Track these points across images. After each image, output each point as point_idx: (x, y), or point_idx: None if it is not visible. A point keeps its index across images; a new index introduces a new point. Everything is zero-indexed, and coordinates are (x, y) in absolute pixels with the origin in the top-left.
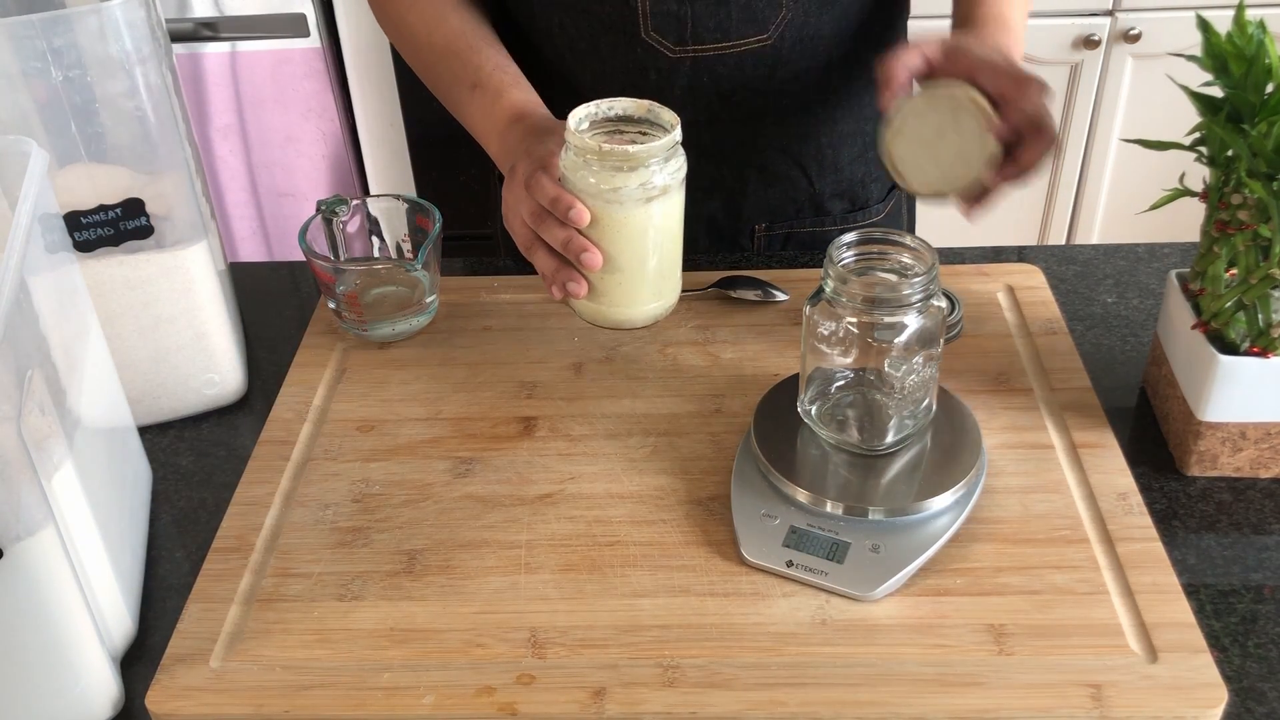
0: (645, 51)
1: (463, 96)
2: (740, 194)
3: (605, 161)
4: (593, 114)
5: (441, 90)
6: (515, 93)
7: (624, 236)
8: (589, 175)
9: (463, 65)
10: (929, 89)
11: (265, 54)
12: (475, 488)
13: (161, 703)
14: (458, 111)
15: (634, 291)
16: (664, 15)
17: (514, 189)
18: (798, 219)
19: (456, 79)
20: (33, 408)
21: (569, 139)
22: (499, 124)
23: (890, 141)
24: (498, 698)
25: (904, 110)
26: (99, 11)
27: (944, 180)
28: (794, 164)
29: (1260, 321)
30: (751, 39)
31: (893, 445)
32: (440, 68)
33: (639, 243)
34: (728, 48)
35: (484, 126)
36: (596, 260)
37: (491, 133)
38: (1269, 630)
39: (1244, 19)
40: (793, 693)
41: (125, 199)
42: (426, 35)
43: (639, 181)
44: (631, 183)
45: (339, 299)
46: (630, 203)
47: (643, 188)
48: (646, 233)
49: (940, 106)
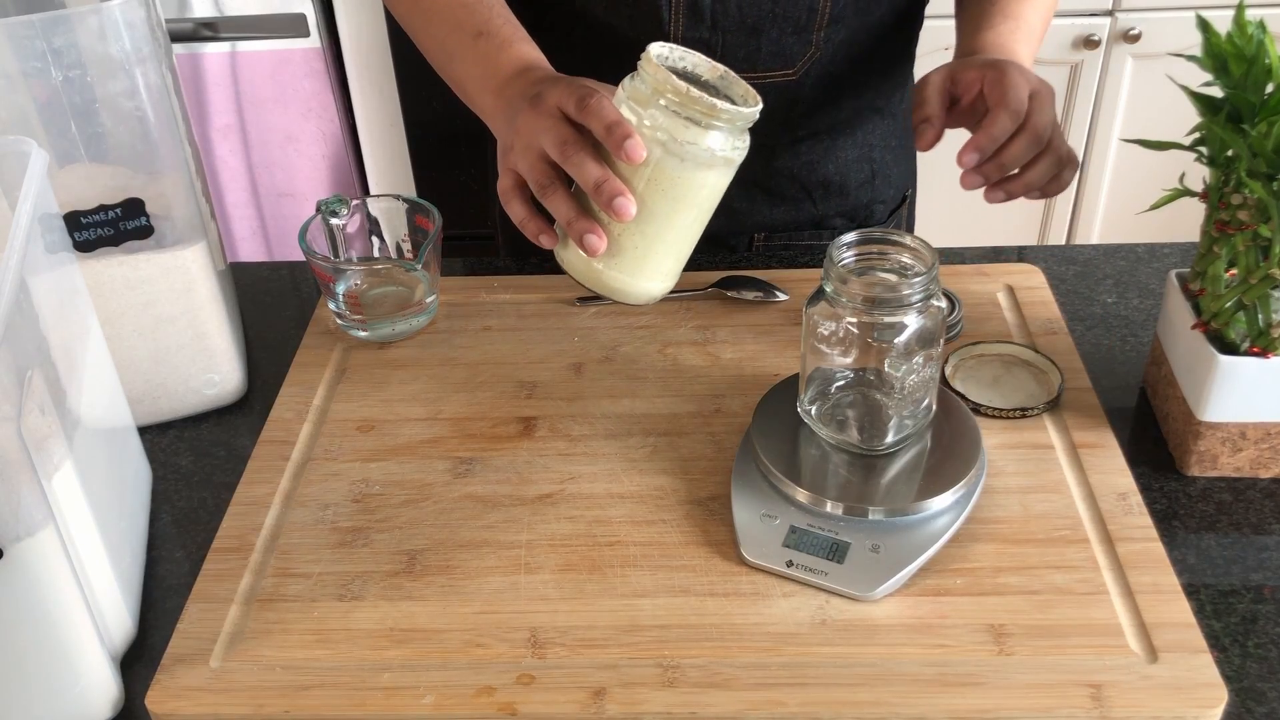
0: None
1: (462, 44)
2: (745, 212)
3: (685, 108)
4: (664, 56)
5: (436, 40)
6: (524, 46)
7: (668, 196)
8: (659, 116)
9: (468, 13)
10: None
11: (265, 54)
12: (475, 488)
13: (161, 703)
14: (452, 63)
15: (647, 261)
16: (695, 41)
17: (538, 117)
18: (797, 233)
19: (458, 25)
20: (33, 408)
21: (646, 69)
22: (502, 72)
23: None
24: (498, 698)
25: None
26: (99, 11)
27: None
28: (801, 188)
29: (1260, 321)
30: (777, 73)
31: (893, 445)
32: (440, 17)
33: (678, 208)
34: (752, 79)
35: (482, 75)
36: (630, 210)
37: (490, 81)
38: (1269, 630)
39: (1244, 19)
40: (793, 693)
41: (125, 199)
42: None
43: (709, 143)
44: (702, 140)
45: (339, 299)
46: (691, 161)
47: (708, 151)
48: (690, 200)
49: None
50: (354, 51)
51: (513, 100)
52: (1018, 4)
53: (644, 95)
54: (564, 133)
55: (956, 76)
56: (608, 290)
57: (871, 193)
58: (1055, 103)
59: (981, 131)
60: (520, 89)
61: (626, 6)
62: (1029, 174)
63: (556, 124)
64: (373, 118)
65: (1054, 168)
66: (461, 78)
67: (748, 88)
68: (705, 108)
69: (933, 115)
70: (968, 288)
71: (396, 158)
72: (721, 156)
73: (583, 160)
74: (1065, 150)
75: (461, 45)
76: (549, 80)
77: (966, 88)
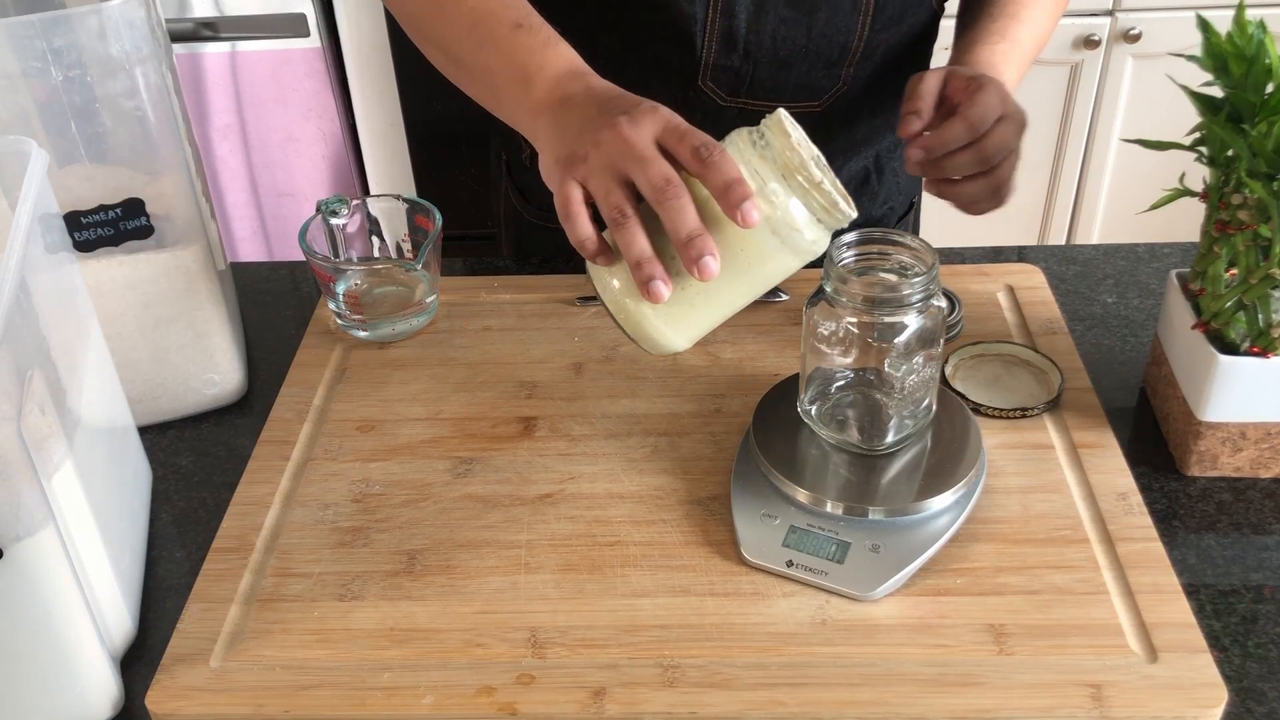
0: (696, 96)
1: (497, 32)
2: None
3: (808, 195)
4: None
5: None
6: (568, 49)
7: (745, 267)
8: (780, 192)
9: (504, 5)
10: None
11: (265, 54)
12: (475, 488)
13: (161, 703)
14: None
15: (688, 319)
16: (724, 69)
17: (630, 142)
18: None
19: (490, 14)
20: (33, 408)
21: (777, 141)
22: (548, 71)
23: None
24: (498, 698)
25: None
26: (99, 11)
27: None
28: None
29: (1260, 321)
30: (803, 103)
31: (893, 445)
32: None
33: (748, 280)
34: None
35: (521, 69)
36: (713, 272)
37: (533, 78)
38: (1269, 630)
39: (1244, 19)
40: (793, 693)
41: (125, 199)
42: None
43: (811, 234)
44: (807, 229)
45: (339, 299)
46: (788, 244)
47: (808, 240)
48: (762, 276)
49: None
50: (354, 51)
51: (574, 105)
52: (1015, 26)
53: (769, 165)
54: (665, 171)
55: (950, 80)
56: (634, 331)
57: (883, 202)
58: (1023, 134)
59: (935, 134)
60: (584, 95)
61: (661, 28)
62: (961, 187)
63: (656, 158)
64: (373, 118)
65: (987, 190)
66: (493, 68)
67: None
68: (828, 202)
69: (922, 109)
70: (968, 288)
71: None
72: (811, 249)
73: (683, 206)
74: (1003, 179)
75: (496, 34)
76: (635, 101)
77: (954, 92)
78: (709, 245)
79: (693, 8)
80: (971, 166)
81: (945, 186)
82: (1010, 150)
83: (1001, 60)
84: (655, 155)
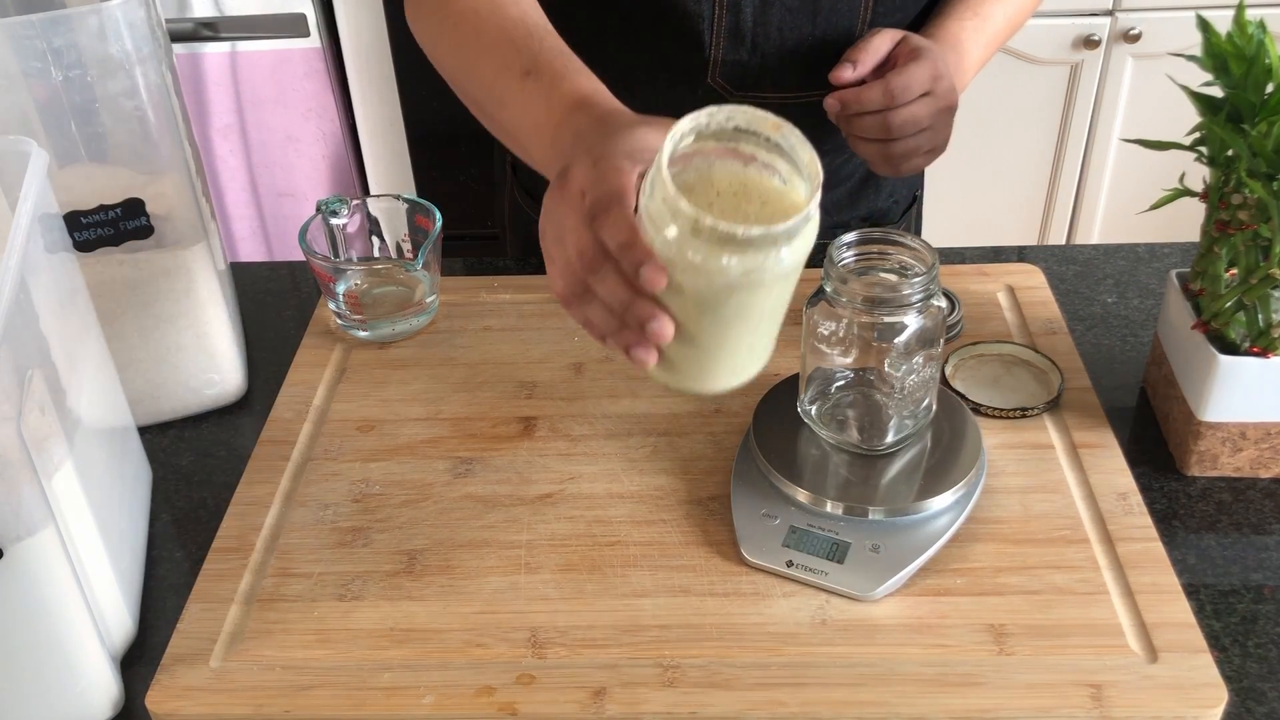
0: (706, 93)
1: (510, 88)
2: None
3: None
4: (702, 126)
5: (484, 87)
6: (579, 79)
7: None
8: (676, 239)
9: (515, 51)
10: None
11: (265, 54)
12: (475, 488)
13: (161, 703)
14: (502, 110)
15: (707, 369)
16: (733, 64)
17: (563, 200)
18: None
19: (504, 66)
20: (33, 408)
21: (657, 180)
22: (556, 113)
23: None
24: (498, 698)
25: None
26: (99, 11)
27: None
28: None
29: (1260, 321)
30: (811, 92)
31: (893, 445)
32: (486, 59)
33: (729, 327)
34: (789, 99)
35: (535, 120)
36: (665, 335)
37: (545, 126)
38: (1269, 630)
39: (1244, 19)
40: (793, 693)
41: (125, 199)
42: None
43: (746, 268)
44: (736, 267)
45: (339, 299)
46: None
47: (745, 273)
48: (743, 317)
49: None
50: (354, 51)
51: (565, 148)
52: (988, 4)
53: (658, 210)
54: (583, 241)
55: (900, 43)
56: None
57: (889, 195)
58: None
59: (854, 91)
60: (571, 135)
61: (668, 28)
62: (860, 146)
63: (578, 227)
64: (373, 118)
65: (882, 157)
66: (514, 126)
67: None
68: (725, 240)
69: (861, 60)
70: (968, 288)
71: (396, 158)
72: (760, 278)
73: (605, 278)
74: (900, 153)
75: (509, 88)
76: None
77: (897, 56)
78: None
79: (699, 6)
80: (876, 132)
81: (851, 139)
82: (921, 128)
83: (969, 36)
84: (576, 226)
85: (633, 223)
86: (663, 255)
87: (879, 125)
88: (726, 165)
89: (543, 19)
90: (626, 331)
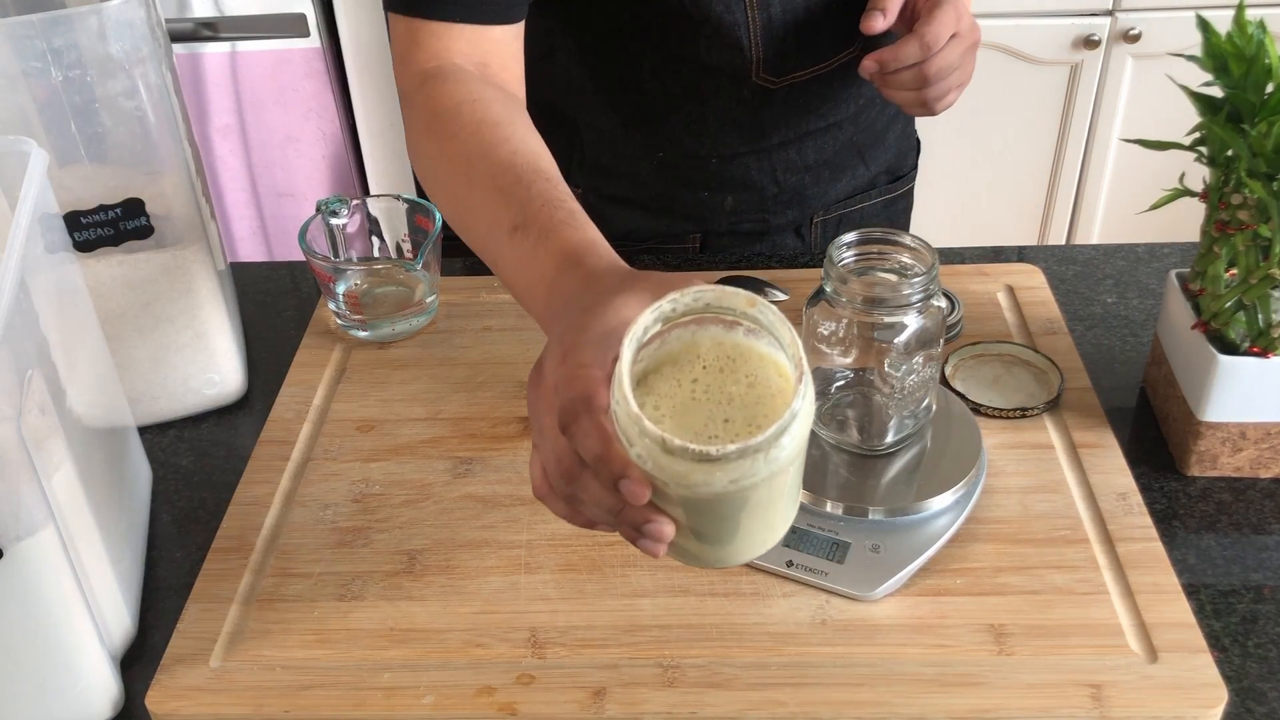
0: (750, 91)
1: (500, 245)
2: (815, 196)
3: (680, 455)
4: (667, 314)
5: (477, 243)
6: (567, 231)
7: (709, 517)
8: (652, 456)
9: (504, 205)
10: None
11: (265, 54)
12: (475, 488)
13: (161, 703)
14: (496, 267)
15: (724, 554)
16: (773, 57)
17: (539, 398)
18: (849, 201)
19: (495, 223)
20: (33, 408)
21: (619, 393)
22: (546, 272)
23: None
24: (498, 698)
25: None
26: (99, 11)
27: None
28: (858, 155)
29: (1260, 321)
30: (844, 54)
31: (893, 445)
32: (477, 214)
33: (733, 520)
34: (822, 69)
35: (527, 280)
36: (666, 536)
37: (538, 286)
38: (1269, 630)
39: (1244, 19)
40: (793, 693)
41: (125, 199)
42: (466, 173)
43: (731, 477)
44: (720, 479)
45: (339, 299)
46: (718, 495)
47: (735, 482)
48: (747, 511)
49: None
50: (354, 51)
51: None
52: None
53: (625, 423)
54: (560, 448)
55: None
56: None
57: (905, 141)
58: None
59: (890, 49)
60: (561, 301)
61: (706, 40)
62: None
63: (553, 430)
64: (373, 118)
65: (918, 103)
66: (510, 283)
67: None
68: (696, 455)
69: (888, 9)
70: (968, 288)
71: (396, 158)
72: (753, 482)
73: (586, 485)
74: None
75: (500, 246)
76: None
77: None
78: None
79: (734, 15)
80: (914, 84)
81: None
82: (953, 69)
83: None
84: (554, 434)
85: (604, 432)
86: (641, 464)
87: (917, 76)
88: (710, 333)
89: (535, 152)
90: (625, 527)
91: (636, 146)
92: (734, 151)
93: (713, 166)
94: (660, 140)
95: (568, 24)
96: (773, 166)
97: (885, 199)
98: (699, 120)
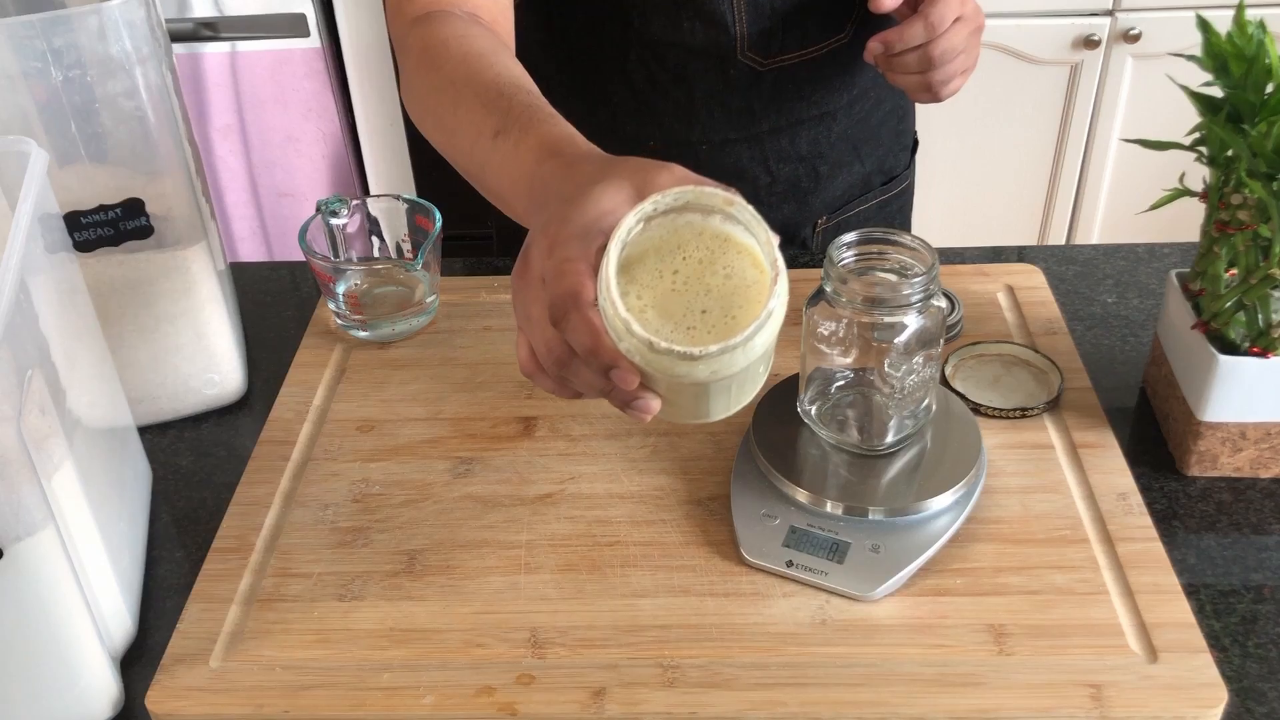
0: (738, 71)
1: (485, 150)
2: (812, 191)
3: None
4: (648, 213)
5: (465, 155)
6: (547, 126)
7: (692, 393)
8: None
9: (487, 114)
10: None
11: (265, 54)
12: (475, 488)
13: (161, 703)
14: (483, 175)
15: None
16: (759, 34)
17: (526, 286)
18: (847, 205)
19: (479, 132)
20: (33, 408)
21: (605, 294)
22: (527, 165)
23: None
24: (498, 698)
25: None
26: (99, 11)
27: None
28: (852, 150)
29: (1260, 321)
30: (834, 39)
31: (893, 445)
32: (463, 128)
33: (714, 393)
34: (811, 52)
35: (511, 176)
36: (652, 409)
37: (520, 180)
38: (1269, 630)
39: (1244, 19)
40: (793, 693)
41: (125, 199)
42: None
43: (712, 369)
44: (702, 370)
45: (339, 299)
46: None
47: (716, 373)
48: (725, 385)
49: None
50: (354, 51)
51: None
52: None
53: (611, 319)
54: (550, 338)
55: None
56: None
57: (897, 139)
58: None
59: (896, 30)
60: (542, 190)
61: (690, 21)
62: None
63: (542, 320)
64: (373, 118)
65: (922, 86)
66: (495, 188)
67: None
68: (680, 355)
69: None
70: (968, 288)
71: (396, 158)
72: (730, 370)
73: (576, 371)
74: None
75: (485, 151)
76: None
77: None
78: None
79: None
80: (919, 66)
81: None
82: (959, 51)
83: None
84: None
85: (594, 327)
86: (629, 356)
87: (921, 59)
88: (690, 221)
89: (518, 75)
90: (613, 402)
91: (626, 136)
92: (724, 138)
93: (704, 154)
94: (650, 129)
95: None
96: (765, 155)
97: (880, 200)
98: (687, 104)
